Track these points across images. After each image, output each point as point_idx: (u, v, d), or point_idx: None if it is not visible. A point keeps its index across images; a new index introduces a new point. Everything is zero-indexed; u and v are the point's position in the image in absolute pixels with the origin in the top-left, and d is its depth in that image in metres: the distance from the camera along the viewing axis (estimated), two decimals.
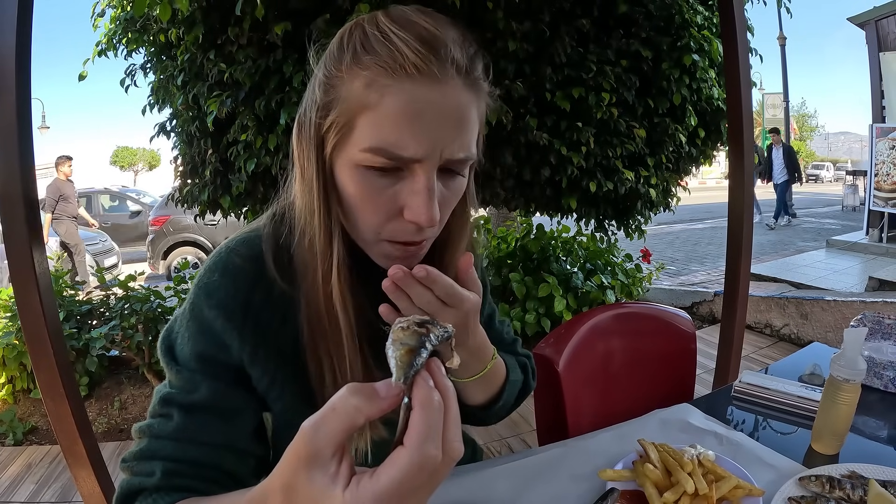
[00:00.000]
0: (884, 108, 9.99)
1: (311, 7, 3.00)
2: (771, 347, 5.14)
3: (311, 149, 0.86)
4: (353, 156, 0.81)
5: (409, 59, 0.76)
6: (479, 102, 0.86)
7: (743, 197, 2.74)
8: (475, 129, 0.86)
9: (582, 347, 1.82)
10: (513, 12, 3.13)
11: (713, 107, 4.01)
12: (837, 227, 13.40)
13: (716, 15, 3.53)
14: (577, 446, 1.31)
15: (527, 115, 3.24)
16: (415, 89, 0.77)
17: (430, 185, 0.81)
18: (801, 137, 49.18)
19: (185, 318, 0.94)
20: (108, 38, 4.13)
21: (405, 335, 0.60)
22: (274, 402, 0.97)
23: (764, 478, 1.15)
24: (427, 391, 0.57)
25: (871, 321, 1.81)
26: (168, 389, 0.93)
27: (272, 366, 0.95)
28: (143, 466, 0.90)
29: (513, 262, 4.30)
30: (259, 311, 0.93)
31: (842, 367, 1.24)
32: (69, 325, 4.03)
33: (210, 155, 3.56)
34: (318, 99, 0.85)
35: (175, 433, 0.90)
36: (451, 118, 0.80)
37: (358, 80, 0.79)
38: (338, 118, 0.82)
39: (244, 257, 0.94)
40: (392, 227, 0.85)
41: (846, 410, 1.26)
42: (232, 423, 0.94)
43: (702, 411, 1.47)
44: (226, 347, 0.92)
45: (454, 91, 0.80)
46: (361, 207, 0.84)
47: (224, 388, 0.93)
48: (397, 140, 0.78)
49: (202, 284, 0.93)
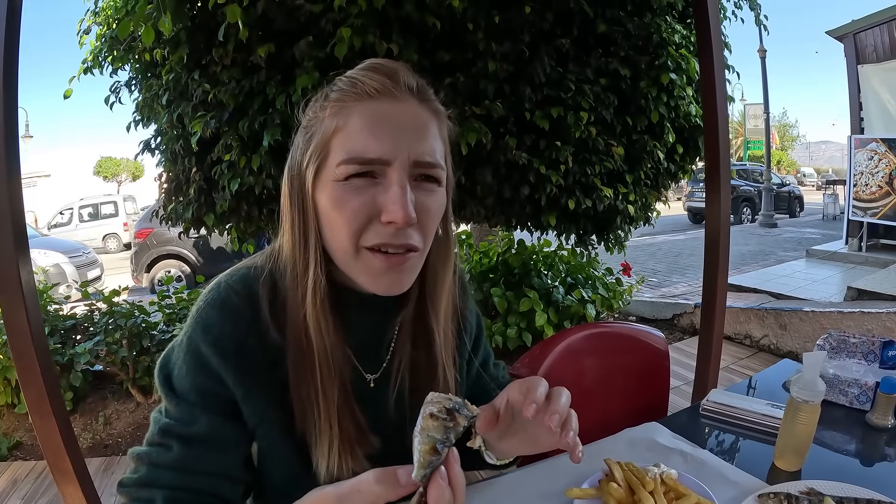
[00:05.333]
0: (862, 119, 10.10)
1: (295, 29, 3.04)
2: (751, 358, 5.18)
3: (294, 189, 0.93)
4: (331, 174, 0.88)
5: (368, 84, 0.88)
6: (438, 121, 0.95)
7: (719, 210, 2.78)
8: (438, 142, 0.93)
9: (556, 367, 1.85)
10: (493, 33, 3.18)
11: (691, 123, 4.07)
12: (818, 237, 13.50)
13: (693, 33, 3.59)
14: (547, 465, 1.34)
15: (506, 135, 3.29)
16: (376, 105, 0.88)
17: (403, 185, 0.86)
18: (783, 147, 49.48)
19: (183, 350, 0.96)
20: (93, 55, 4.14)
21: (433, 426, 0.67)
22: (261, 438, 1.01)
23: (726, 495, 1.18)
24: (440, 491, 0.66)
25: (837, 340, 1.85)
26: (167, 420, 0.96)
27: (261, 406, 0.97)
28: (143, 493, 0.94)
29: (494, 277, 4.33)
30: (252, 352, 0.95)
31: (801, 389, 1.29)
32: (53, 340, 4.03)
33: (195, 173, 3.58)
34: (299, 143, 0.93)
35: (174, 463, 0.94)
36: (411, 125, 0.89)
37: (328, 112, 0.89)
38: (314, 150, 0.90)
39: (242, 297, 0.97)
40: (371, 231, 0.88)
41: (806, 430, 1.30)
42: (227, 453, 0.98)
43: (670, 430, 1.49)
44: (222, 382, 0.95)
45: (411, 106, 0.91)
46: (338, 219, 0.88)
47: (221, 421, 0.96)
48: (364, 146, 0.86)
49: (200, 319, 0.96)
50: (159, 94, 3.72)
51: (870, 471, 1.37)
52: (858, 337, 1.81)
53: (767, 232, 15.33)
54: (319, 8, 2.94)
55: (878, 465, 1.41)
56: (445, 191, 0.96)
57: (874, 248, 9.38)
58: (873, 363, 1.75)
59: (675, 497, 1.13)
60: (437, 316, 1.05)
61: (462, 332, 1.19)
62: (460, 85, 3.09)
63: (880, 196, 9.02)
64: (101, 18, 4.13)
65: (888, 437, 1.47)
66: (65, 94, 4.21)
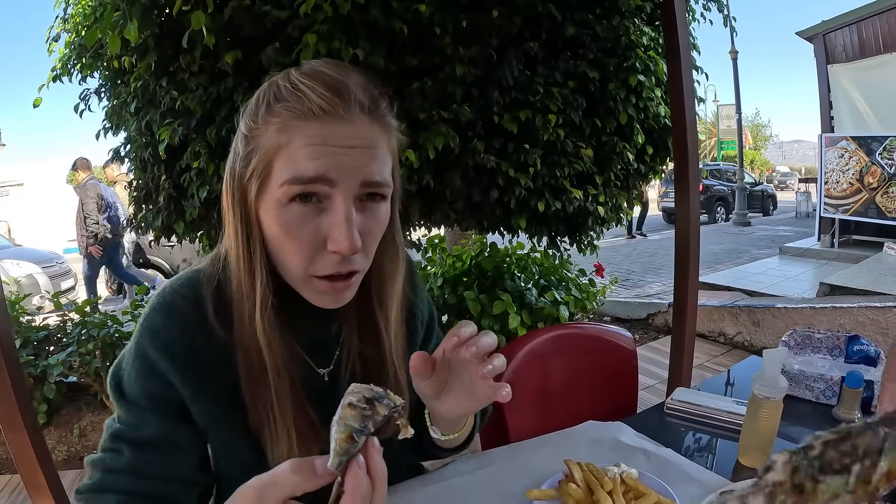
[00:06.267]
0: (832, 118, 10.28)
1: (262, 35, 3.03)
2: (725, 356, 5.24)
3: (236, 198, 0.92)
4: (274, 194, 0.87)
5: (316, 103, 0.84)
6: (388, 136, 0.93)
7: (689, 209, 2.81)
8: (387, 159, 0.92)
9: (522, 370, 1.86)
10: (460, 37, 3.18)
11: (660, 124, 4.10)
12: (791, 234, 13.66)
13: (661, 35, 3.62)
14: (509, 465, 1.35)
15: (474, 139, 3.29)
16: (322, 127, 0.85)
17: (349, 213, 0.86)
18: (756, 147, 49.94)
19: (132, 355, 0.97)
20: (62, 63, 4.10)
21: (351, 415, 0.66)
22: (213, 439, 1.02)
23: (689, 493, 1.18)
24: (357, 480, 0.65)
25: (802, 335, 1.88)
26: (118, 425, 0.97)
27: (211, 407, 0.98)
28: (97, 499, 0.95)
29: (468, 280, 4.33)
30: (200, 354, 0.96)
31: (763, 385, 1.31)
32: (26, 352, 3.97)
33: (164, 181, 3.55)
34: (240, 151, 0.92)
35: (126, 467, 0.95)
36: (359, 147, 0.87)
37: (272, 127, 0.87)
38: (257, 165, 0.88)
39: (187, 300, 0.98)
40: (318, 261, 0.89)
41: (769, 426, 1.32)
42: (180, 456, 0.98)
43: (635, 429, 1.50)
44: (170, 385, 0.95)
45: (361, 126, 0.87)
46: (286, 246, 0.89)
47: (172, 424, 0.96)
48: (307, 167, 0.84)
49: (147, 324, 0.97)
50: (128, 102, 3.68)
51: None
52: (823, 332, 1.83)
53: (741, 230, 15.51)
54: (286, 14, 2.92)
55: None
56: (391, 200, 0.96)
57: (846, 244, 9.57)
58: (838, 358, 1.77)
59: (635, 497, 1.14)
60: (385, 311, 1.06)
61: (413, 321, 1.22)
62: (428, 89, 3.09)
63: (851, 193, 9.20)
64: (70, 25, 4.08)
65: None
66: (34, 103, 4.15)
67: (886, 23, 9.26)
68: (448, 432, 1.11)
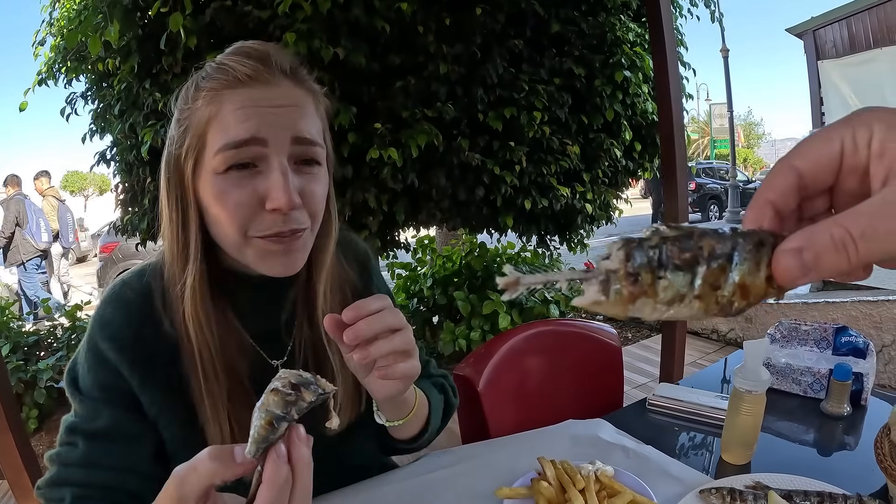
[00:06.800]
0: (823, 114, 10.29)
1: (244, 35, 3.00)
2: (718, 352, 5.22)
3: (171, 182, 0.92)
4: (210, 165, 0.87)
5: (241, 71, 0.86)
6: (314, 98, 0.95)
7: (677, 205, 2.81)
8: (316, 119, 0.94)
9: (503, 366, 1.83)
10: (444, 36, 3.17)
11: (648, 121, 4.10)
12: None
13: (647, 31, 3.62)
14: (483, 462, 1.32)
15: (459, 137, 3.29)
16: (248, 91, 0.87)
17: (284, 170, 0.86)
18: (749, 145, 50.04)
19: (84, 349, 0.98)
20: (48, 66, 4.08)
21: (274, 401, 0.63)
22: (163, 429, 1.00)
23: (669, 491, 1.15)
24: (274, 469, 0.62)
25: (787, 328, 1.85)
26: (73, 419, 0.97)
27: (159, 397, 0.97)
28: (54, 493, 0.95)
29: (458, 281, 4.32)
30: (148, 344, 0.96)
31: (744, 378, 1.27)
32: (16, 357, 3.98)
33: (149, 183, 3.54)
34: (174, 135, 0.92)
35: (81, 460, 0.94)
36: (287, 105, 0.89)
37: (201, 101, 0.87)
38: (191, 140, 0.88)
39: (136, 291, 0.98)
40: (258, 222, 0.88)
41: (752, 421, 1.27)
42: (133, 447, 0.97)
43: (617, 426, 1.46)
44: (120, 375, 0.95)
45: (286, 89, 0.90)
46: (223, 213, 0.88)
47: (124, 414, 0.96)
48: (239, 130, 0.85)
49: (98, 316, 0.98)
50: (112, 105, 3.67)
51: (827, 461, 1.34)
52: (810, 324, 1.80)
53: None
54: (267, 14, 2.91)
55: (836, 454, 1.39)
56: (327, 169, 0.97)
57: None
58: (826, 350, 1.74)
59: (609, 495, 1.10)
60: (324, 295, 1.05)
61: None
62: (411, 88, 3.08)
63: None
64: (56, 29, 4.07)
65: (845, 425, 1.47)
66: (20, 107, 4.13)
67: (876, 18, 9.30)
68: (392, 418, 1.08)
